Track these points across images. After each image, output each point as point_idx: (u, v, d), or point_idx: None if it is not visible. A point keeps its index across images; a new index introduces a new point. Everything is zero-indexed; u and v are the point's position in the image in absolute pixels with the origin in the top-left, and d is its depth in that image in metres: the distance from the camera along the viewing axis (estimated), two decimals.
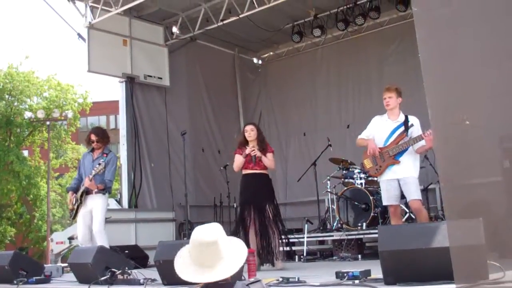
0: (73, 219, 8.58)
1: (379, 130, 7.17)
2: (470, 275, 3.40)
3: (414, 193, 6.80)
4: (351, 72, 13.18)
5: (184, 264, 2.88)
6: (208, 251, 2.80)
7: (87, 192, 8.22)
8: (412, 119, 6.97)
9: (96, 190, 8.18)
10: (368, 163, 7.17)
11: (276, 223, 7.78)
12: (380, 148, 7.00)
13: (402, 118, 7.02)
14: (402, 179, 6.86)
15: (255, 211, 7.72)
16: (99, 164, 8.19)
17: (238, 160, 7.88)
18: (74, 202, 8.32)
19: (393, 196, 6.96)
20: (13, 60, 52.78)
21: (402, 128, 6.94)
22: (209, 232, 2.84)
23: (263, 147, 7.90)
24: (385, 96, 7.08)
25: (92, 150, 8.60)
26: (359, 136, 7.35)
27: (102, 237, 8.11)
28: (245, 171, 7.88)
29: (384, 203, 7.21)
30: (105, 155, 8.39)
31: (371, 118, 12.22)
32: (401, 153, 6.87)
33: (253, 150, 7.75)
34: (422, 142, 6.74)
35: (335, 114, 13.35)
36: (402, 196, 7.13)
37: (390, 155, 6.90)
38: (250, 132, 7.93)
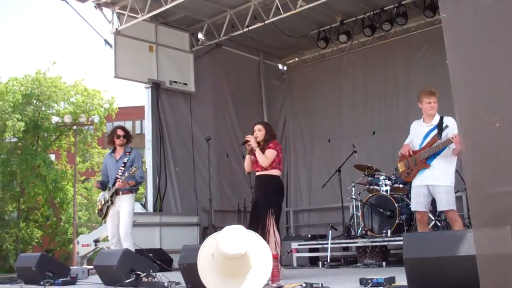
0: (102, 219, 8.70)
1: (415, 135, 6.95)
2: (497, 284, 3.34)
3: (444, 203, 6.55)
4: (377, 79, 13.11)
5: (211, 275, 2.78)
6: (237, 263, 2.72)
7: (116, 192, 8.35)
8: (447, 120, 6.63)
9: (128, 187, 8.30)
10: (401, 167, 6.99)
11: (268, 230, 7.01)
12: (413, 151, 6.79)
13: (436, 120, 6.75)
14: (431, 186, 6.65)
15: (253, 215, 7.32)
16: (124, 163, 8.38)
17: (246, 160, 7.52)
18: (103, 203, 8.45)
19: (421, 203, 6.74)
20: (41, 66, 53.49)
21: (436, 131, 6.70)
22: (238, 245, 2.72)
23: (264, 147, 7.29)
24: (431, 100, 6.74)
25: (113, 151, 8.71)
26: (405, 142, 7.10)
27: (128, 241, 8.21)
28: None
29: (412, 208, 7.10)
30: (128, 153, 8.52)
31: (397, 124, 12.25)
32: (432, 156, 6.65)
33: (249, 141, 7.31)
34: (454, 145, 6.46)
35: (360, 121, 13.28)
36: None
37: (421, 158, 6.69)
38: (258, 133, 7.39)
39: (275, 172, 7.30)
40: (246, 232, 2.79)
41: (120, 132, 8.62)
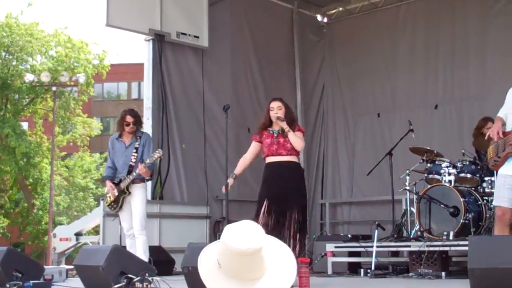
0: (117, 212, 9.10)
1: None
2: None
3: None
4: (443, 37, 12.97)
5: (217, 279, 2.82)
6: (249, 262, 2.76)
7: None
8: None
9: (148, 176, 8.97)
10: (489, 153, 6.91)
11: (297, 231, 7.48)
12: (504, 133, 6.69)
13: None
14: None
15: (273, 210, 7.59)
16: (136, 148, 9.00)
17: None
18: (117, 194, 8.92)
19: (505, 197, 6.63)
20: (13, 9, 53.69)
21: None
22: (251, 239, 2.77)
23: (293, 128, 7.67)
24: None
25: (120, 135, 9.22)
26: (498, 113, 7.02)
27: (144, 235, 8.80)
28: (268, 159, 7.84)
29: (493, 203, 7.02)
30: (138, 137, 9.12)
31: (466, 97, 12.17)
32: None
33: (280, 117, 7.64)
34: None
35: (419, 91, 13.23)
36: None
37: (511, 142, 6.57)
38: (278, 111, 7.72)
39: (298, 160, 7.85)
40: (260, 228, 2.86)
41: (129, 119, 9.13)
